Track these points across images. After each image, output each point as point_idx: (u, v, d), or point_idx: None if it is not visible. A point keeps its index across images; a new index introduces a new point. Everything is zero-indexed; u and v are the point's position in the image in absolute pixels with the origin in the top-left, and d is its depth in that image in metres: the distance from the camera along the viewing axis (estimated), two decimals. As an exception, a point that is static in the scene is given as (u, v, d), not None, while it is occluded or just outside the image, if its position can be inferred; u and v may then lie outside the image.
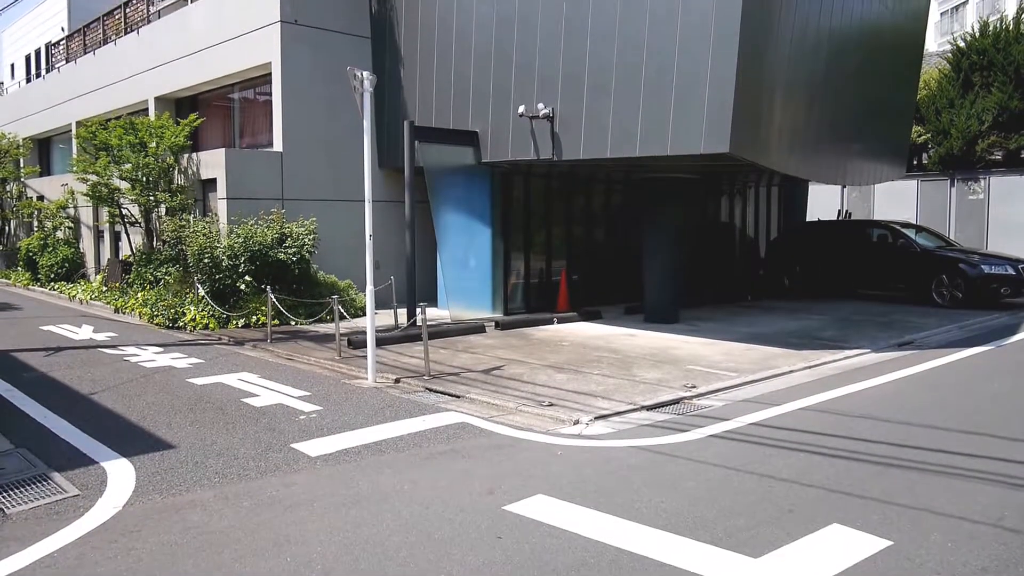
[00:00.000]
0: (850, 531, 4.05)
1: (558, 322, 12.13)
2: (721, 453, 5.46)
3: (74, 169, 15.51)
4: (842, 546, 3.88)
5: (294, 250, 11.78)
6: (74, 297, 15.67)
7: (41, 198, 21.05)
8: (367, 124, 8.18)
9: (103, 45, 19.30)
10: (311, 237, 12.06)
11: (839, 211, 19.44)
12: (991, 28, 19.28)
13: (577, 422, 6.27)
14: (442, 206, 12.46)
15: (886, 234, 15.04)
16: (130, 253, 15.72)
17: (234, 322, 11.57)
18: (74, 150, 17.78)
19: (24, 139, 23.16)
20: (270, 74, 13.29)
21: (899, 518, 4.22)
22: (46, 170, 24.10)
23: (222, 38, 14.34)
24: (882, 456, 5.31)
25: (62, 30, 25.38)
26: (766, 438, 5.81)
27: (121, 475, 5.05)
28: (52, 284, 17.62)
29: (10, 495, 4.68)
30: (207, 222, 12.53)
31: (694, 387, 7.46)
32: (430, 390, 7.51)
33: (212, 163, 13.32)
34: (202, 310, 11.69)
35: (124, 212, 15.38)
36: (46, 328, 11.85)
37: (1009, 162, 18.48)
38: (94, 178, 14.88)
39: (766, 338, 10.41)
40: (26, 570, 3.70)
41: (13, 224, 23.27)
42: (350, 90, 8.15)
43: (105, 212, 16.06)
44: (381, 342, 9.42)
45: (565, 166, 12.39)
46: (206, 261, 11.72)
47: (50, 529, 4.17)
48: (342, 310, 9.40)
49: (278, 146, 13.13)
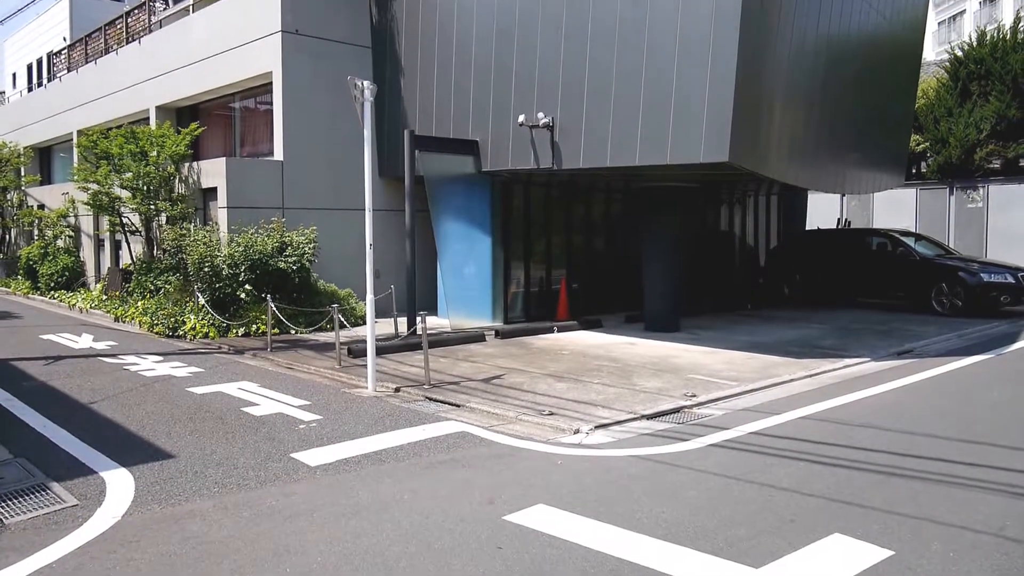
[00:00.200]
0: (851, 541, 4.04)
1: (558, 331, 12.13)
2: (722, 462, 5.45)
3: (75, 178, 15.52)
4: (843, 556, 3.88)
5: (294, 259, 11.78)
6: (74, 306, 15.67)
7: (42, 207, 21.06)
8: (367, 133, 8.21)
9: (105, 54, 19.37)
10: (311, 246, 12.07)
11: (838, 220, 19.45)
12: (988, 37, 19.32)
13: (577, 431, 6.27)
14: (442, 215, 12.49)
15: (885, 242, 15.06)
16: (130, 262, 15.72)
17: (234, 331, 11.57)
18: (75, 159, 17.83)
19: (25, 148, 23.21)
20: (271, 83, 13.33)
21: (900, 528, 4.21)
22: (47, 179, 24.12)
23: (223, 48, 14.40)
24: (883, 465, 5.31)
25: (64, 40, 25.49)
26: (767, 447, 5.81)
27: (120, 485, 5.04)
28: (52, 293, 17.61)
29: (9, 505, 4.67)
30: (207, 231, 12.54)
31: (694, 396, 7.45)
32: (430, 399, 7.51)
33: (213, 172, 13.34)
34: (202, 319, 11.69)
35: (125, 221, 15.39)
36: (46, 337, 11.84)
37: (1007, 171, 18.50)
38: (95, 187, 14.89)
39: (766, 347, 10.41)
40: (25, 580, 3.69)
41: (14, 233, 23.26)
42: (350, 99, 8.18)
43: (106, 221, 16.07)
44: (381, 351, 9.42)
45: (565, 175, 12.41)
46: (206, 270, 11.73)
47: (49, 539, 4.16)
48: (342, 319, 9.40)
49: (279, 155, 13.15)
